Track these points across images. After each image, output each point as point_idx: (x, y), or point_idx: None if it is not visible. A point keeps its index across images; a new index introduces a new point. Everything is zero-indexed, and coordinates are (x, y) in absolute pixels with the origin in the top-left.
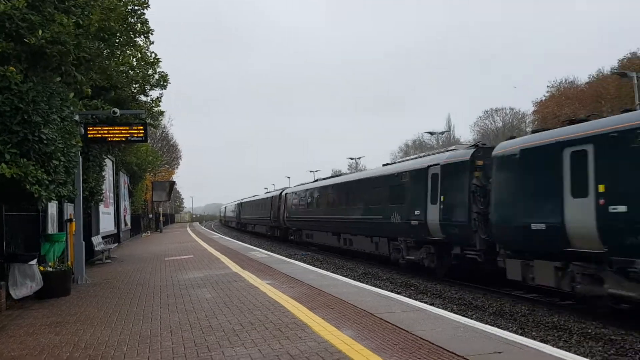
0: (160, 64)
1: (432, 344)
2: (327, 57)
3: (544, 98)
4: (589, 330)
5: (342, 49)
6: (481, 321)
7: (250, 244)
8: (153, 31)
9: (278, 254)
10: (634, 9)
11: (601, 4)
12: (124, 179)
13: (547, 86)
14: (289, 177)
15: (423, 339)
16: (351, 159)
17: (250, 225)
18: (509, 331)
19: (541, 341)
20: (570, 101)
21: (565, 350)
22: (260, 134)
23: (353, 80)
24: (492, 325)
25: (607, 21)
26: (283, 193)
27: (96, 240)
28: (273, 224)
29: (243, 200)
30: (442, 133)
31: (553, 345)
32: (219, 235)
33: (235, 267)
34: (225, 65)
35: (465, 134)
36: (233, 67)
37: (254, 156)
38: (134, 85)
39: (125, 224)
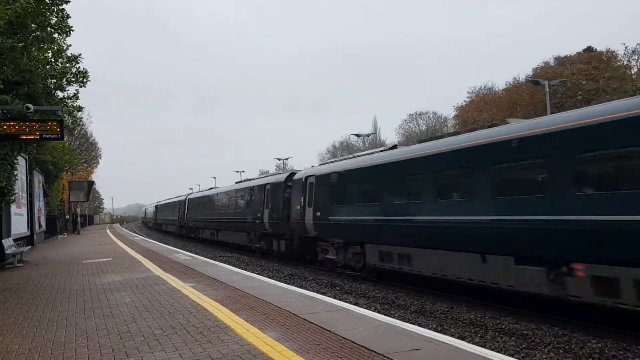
0: (80, 60)
1: (354, 343)
2: (248, 58)
3: (464, 103)
4: (503, 326)
5: (264, 50)
6: (403, 319)
7: (175, 246)
8: (72, 27)
9: (203, 255)
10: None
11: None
12: (38, 179)
13: (467, 92)
14: (215, 178)
15: (345, 339)
16: (279, 159)
17: (210, 230)
18: (429, 329)
19: (459, 337)
20: (489, 107)
21: (481, 345)
22: (183, 135)
23: (277, 82)
24: (413, 324)
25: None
26: (301, 178)
27: (7, 242)
28: (270, 230)
29: (191, 196)
30: (369, 135)
31: (469, 341)
32: (141, 237)
33: (157, 270)
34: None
35: (391, 136)
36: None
37: (177, 157)
38: (51, 81)
39: (40, 226)
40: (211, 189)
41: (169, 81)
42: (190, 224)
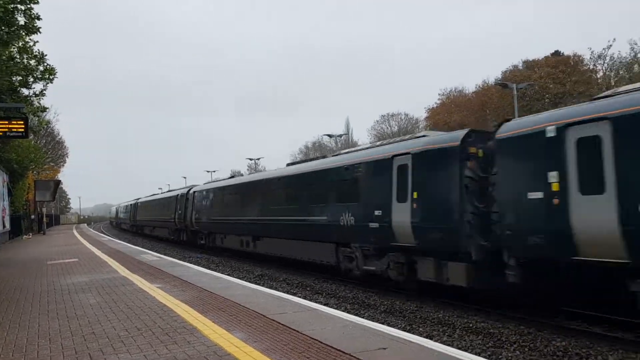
0: (46, 59)
1: (321, 342)
2: (219, 55)
3: (435, 105)
4: (471, 325)
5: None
6: (372, 319)
7: (143, 247)
8: (40, 28)
9: (171, 256)
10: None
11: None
12: (2, 177)
13: (439, 94)
14: (184, 178)
15: (313, 339)
16: (250, 159)
17: (240, 237)
18: (397, 328)
19: (427, 336)
20: (459, 109)
21: (448, 344)
22: (144, 136)
23: (249, 80)
24: (382, 323)
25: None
26: (554, 133)
27: None
28: (415, 241)
29: (199, 188)
30: (341, 136)
31: (437, 340)
32: (109, 237)
33: (123, 271)
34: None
35: (363, 137)
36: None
37: (144, 157)
38: (17, 78)
39: (4, 226)
40: (233, 177)
41: (130, 79)
42: (197, 226)
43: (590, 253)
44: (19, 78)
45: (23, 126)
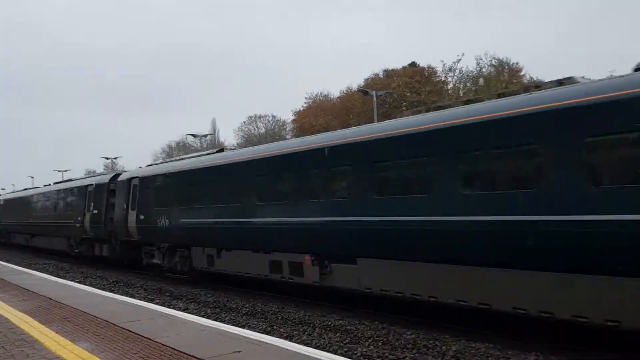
0: None
1: (175, 349)
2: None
3: (302, 108)
4: (329, 323)
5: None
6: (234, 323)
7: None
8: None
9: (14, 263)
10: None
11: None
12: None
13: (305, 98)
14: (32, 177)
15: (166, 346)
16: (107, 158)
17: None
18: (257, 330)
19: (287, 337)
20: (325, 113)
21: (307, 343)
22: None
23: (104, 76)
24: (243, 326)
25: None
26: None
27: None
28: None
29: (181, 166)
30: (206, 136)
31: (296, 340)
32: None
33: None
34: None
35: (230, 137)
36: None
37: None
38: None
39: None
40: (222, 150)
41: None
42: (142, 235)
43: None
44: None
45: None
